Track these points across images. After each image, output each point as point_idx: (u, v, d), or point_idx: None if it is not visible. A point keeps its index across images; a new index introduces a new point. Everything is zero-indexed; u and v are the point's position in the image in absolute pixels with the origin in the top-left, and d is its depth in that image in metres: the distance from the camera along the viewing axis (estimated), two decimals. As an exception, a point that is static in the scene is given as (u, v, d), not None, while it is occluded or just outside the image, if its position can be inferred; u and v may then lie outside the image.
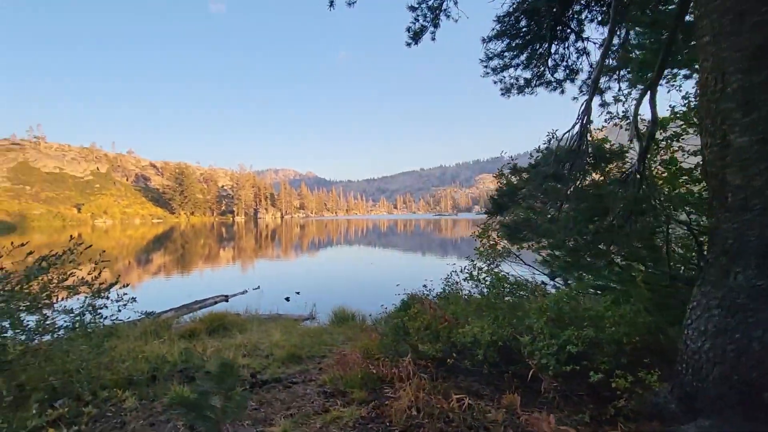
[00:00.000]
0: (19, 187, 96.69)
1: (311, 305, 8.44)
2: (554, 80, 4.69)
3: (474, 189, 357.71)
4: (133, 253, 24.87)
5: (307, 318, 7.66)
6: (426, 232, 44.81)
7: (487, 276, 4.57)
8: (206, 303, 8.89)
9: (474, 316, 3.37)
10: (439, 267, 16.44)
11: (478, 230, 5.32)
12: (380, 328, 4.61)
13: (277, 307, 8.38)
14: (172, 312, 7.80)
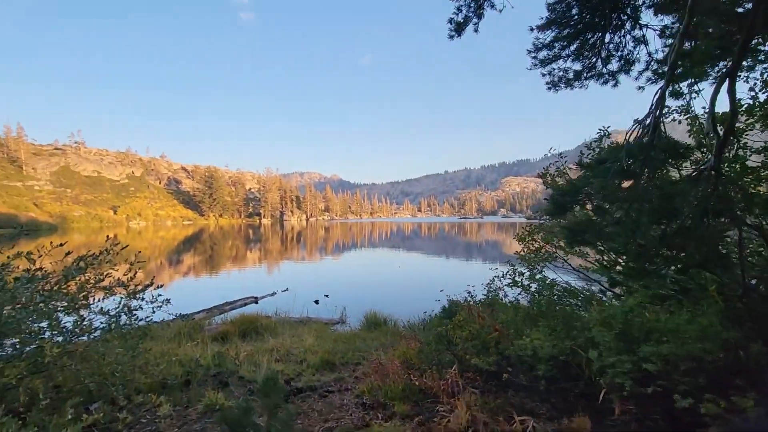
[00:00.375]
0: (60, 190, 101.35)
1: (341, 309, 8.31)
2: (607, 72, 4.34)
3: (500, 192, 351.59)
4: (165, 254, 25.56)
5: (338, 322, 7.53)
6: (451, 235, 44.19)
7: (531, 282, 4.28)
8: (236, 304, 8.92)
9: (525, 326, 3.10)
10: (469, 271, 16.15)
11: (521, 233, 5.02)
12: (419, 335, 4.39)
13: (307, 309, 8.32)
14: (204, 313, 7.84)
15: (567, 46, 4.10)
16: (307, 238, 41.81)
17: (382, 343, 5.12)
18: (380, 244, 32.04)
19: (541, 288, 4.08)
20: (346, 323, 7.51)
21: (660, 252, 2.88)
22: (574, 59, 4.24)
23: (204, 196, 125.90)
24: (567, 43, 4.07)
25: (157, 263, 20.22)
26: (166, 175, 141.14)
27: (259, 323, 5.83)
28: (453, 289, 11.62)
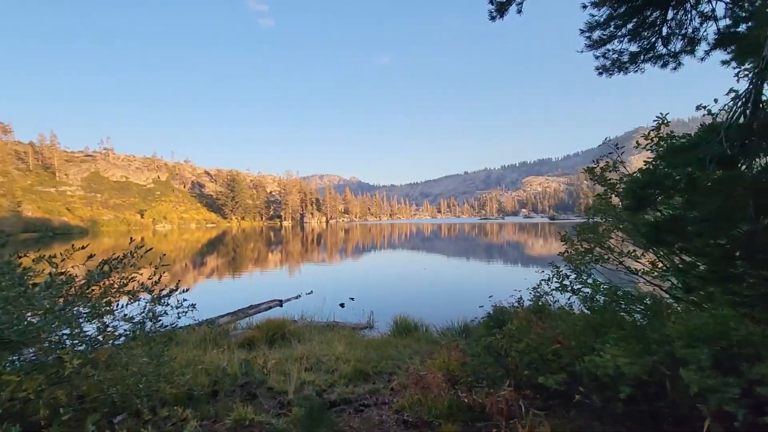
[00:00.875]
0: (91, 195, 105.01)
1: (368, 312, 8.05)
2: (667, 53, 3.91)
3: (521, 192, 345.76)
4: (190, 256, 25.93)
5: (366, 326, 7.26)
6: (473, 236, 43.45)
7: (583, 286, 3.89)
8: (261, 308, 8.78)
9: (587, 338, 2.74)
10: (497, 273, 15.66)
11: (566, 232, 4.63)
12: (460, 343, 4.06)
13: (333, 313, 8.10)
14: (229, 316, 7.70)
15: (623, 24, 3.71)
16: (328, 239, 41.84)
17: (416, 351, 4.81)
18: (402, 246, 31.67)
19: (593, 293, 3.69)
20: (374, 328, 7.22)
21: (750, 253, 2.48)
22: (630, 39, 3.84)
23: (226, 200, 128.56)
24: (623, 22, 3.68)
25: (182, 265, 20.45)
26: (190, 179, 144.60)
27: (286, 328, 5.61)
28: (483, 293, 11.13)
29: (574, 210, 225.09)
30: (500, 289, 11.64)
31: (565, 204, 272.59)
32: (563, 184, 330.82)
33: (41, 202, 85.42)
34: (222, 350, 4.50)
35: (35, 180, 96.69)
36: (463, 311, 7.90)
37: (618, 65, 4.02)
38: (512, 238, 37.05)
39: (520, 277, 13.95)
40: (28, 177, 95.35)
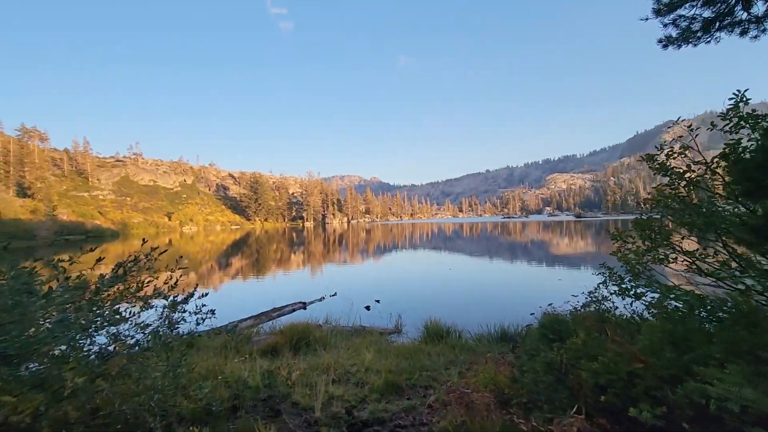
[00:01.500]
0: (121, 199, 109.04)
1: (395, 316, 7.67)
2: (748, 18, 3.36)
3: (545, 190, 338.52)
4: (215, 257, 26.20)
5: (393, 331, 6.85)
6: (498, 235, 42.43)
7: (648, 290, 3.39)
8: (284, 311, 8.51)
9: (673, 354, 2.26)
10: (528, 274, 14.98)
11: (618, 230, 4.12)
12: (507, 355, 3.63)
13: (359, 316, 7.75)
14: (251, 320, 7.45)
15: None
16: (350, 240, 41.69)
17: (451, 361, 4.39)
18: (424, 245, 31.13)
19: (663, 298, 3.18)
20: (402, 333, 6.79)
21: None
22: (705, 3, 3.31)
23: (250, 201, 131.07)
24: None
25: (208, 267, 20.62)
26: (215, 182, 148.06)
27: (310, 334, 5.28)
28: (516, 295, 10.71)
29: (600, 207, 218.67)
30: (534, 291, 11.17)
31: (591, 201, 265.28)
32: (589, 181, 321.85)
33: (75, 206, 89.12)
34: (244, 359, 4.21)
35: (70, 185, 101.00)
36: (497, 315, 7.40)
37: (687, 35, 3.47)
38: (539, 237, 35.94)
39: (553, 277, 13.27)
40: (63, 182, 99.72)
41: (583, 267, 15.55)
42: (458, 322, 6.39)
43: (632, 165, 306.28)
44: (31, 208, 71.46)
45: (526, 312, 7.81)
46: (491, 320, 6.78)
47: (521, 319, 6.52)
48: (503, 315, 7.65)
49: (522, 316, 7.09)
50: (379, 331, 6.53)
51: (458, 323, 6.23)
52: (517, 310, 8.08)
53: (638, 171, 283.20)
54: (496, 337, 5.45)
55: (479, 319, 7.47)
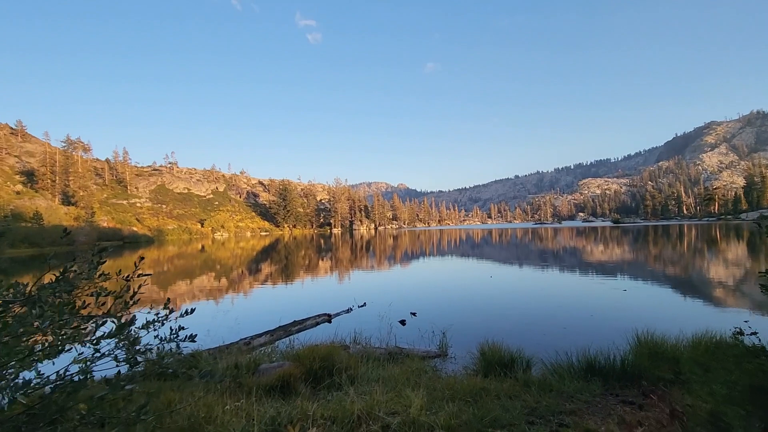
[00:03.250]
0: (157, 206, 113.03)
1: (436, 333, 6.39)
2: None
3: (577, 195, 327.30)
4: (244, 263, 25.70)
5: (438, 355, 5.54)
6: (531, 241, 40.15)
7: None
8: (306, 325, 7.38)
9: None
10: (584, 284, 13.18)
11: None
12: (678, 406, 2.33)
13: (394, 333, 6.49)
14: (266, 336, 6.37)
15: None
16: (378, 246, 40.58)
17: (532, 409, 3.11)
18: (457, 252, 29.49)
19: None
20: (450, 357, 5.49)
21: None
22: None
23: (279, 208, 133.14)
24: None
25: (238, 272, 20.06)
26: (245, 190, 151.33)
27: (334, 360, 4.11)
28: (576, 308, 8.99)
29: (638, 213, 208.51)
30: (598, 305, 9.27)
31: (628, 207, 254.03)
32: (624, 185, 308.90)
33: (115, 214, 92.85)
34: (244, 398, 3.07)
35: (110, 193, 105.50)
36: (560, 335, 6.02)
37: None
38: (580, 243, 33.56)
39: (616, 288, 11.48)
40: (104, 191, 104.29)
41: (648, 277, 13.61)
42: (519, 345, 5.06)
43: (671, 168, 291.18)
44: (74, 215, 74.81)
45: (598, 332, 6.37)
46: (557, 343, 5.42)
47: (594, 340, 5.13)
48: (568, 335, 6.24)
49: (596, 338, 5.68)
50: (420, 355, 5.25)
51: (520, 346, 4.88)
52: (585, 329, 6.63)
53: (677, 175, 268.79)
54: (579, 369, 4.08)
55: (540, 340, 6.11)
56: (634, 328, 4.75)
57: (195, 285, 15.70)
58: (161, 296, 13.41)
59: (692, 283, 12.54)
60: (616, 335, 5.29)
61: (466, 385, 3.61)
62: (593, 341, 4.76)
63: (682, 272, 14.73)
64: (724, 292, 10.74)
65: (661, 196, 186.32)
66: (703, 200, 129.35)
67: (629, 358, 4.08)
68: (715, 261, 18.23)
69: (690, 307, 9.14)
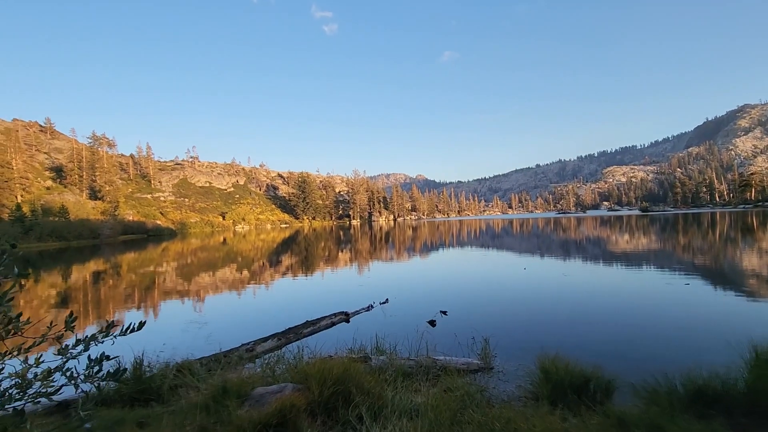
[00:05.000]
0: (180, 200, 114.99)
1: (474, 336, 5.33)
2: None
3: (602, 183, 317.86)
4: (265, 255, 25.17)
5: (481, 368, 4.47)
6: (560, 231, 38.28)
7: None
8: (321, 325, 6.43)
9: None
10: (633, 275, 11.65)
11: None
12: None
13: (422, 336, 5.40)
14: (273, 341, 5.44)
15: None
16: (397, 237, 39.56)
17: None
18: (480, 243, 28.11)
19: None
20: (495, 370, 4.35)
21: None
22: None
23: (298, 200, 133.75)
24: None
25: (259, 264, 19.46)
26: (265, 182, 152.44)
27: (351, 379, 3.13)
28: (634, 307, 7.29)
29: (667, 201, 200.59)
30: (662, 303, 7.47)
31: (655, 195, 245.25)
32: (651, 173, 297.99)
33: (140, 207, 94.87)
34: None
35: (135, 188, 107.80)
36: (626, 340, 4.86)
37: None
38: (611, 234, 31.67)
39: (677, 283, 9.98)
40: (129, 185, 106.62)
41: (704, 271, 12.00)
42: (582, 355, 3.98)
43: (701, 154, 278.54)
44: (101, 210, 76.60)
45: (689, 341, 5.13)
46: (634, 354, 4.29)
47: (689, 354, 4.00)
48: (646, 344, 5.08)
49: (689, 350, 4.51)
50: (459, 367, 4.22)
51: (588, 359, 3.80)
52: (658, 334, 5.41)
53: (708, 161, 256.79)
54: (686, 397, 2.95)
55: (611, 350, 4.95)
56: (739, 337, 3.62)
57: (215, 277, 15.12)
58: (183, 288, 12.82)
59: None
60: (714, 347, 4.15)
61: (527, 420, 2.57)
62: (688, 355, 3.67)
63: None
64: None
65: (692, 183, 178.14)
66: (738, 186, 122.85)
67: (753, 380, 2.97)
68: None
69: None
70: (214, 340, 5.64)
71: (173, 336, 6.63)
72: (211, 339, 5.89)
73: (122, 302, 10.80)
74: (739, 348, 3.37)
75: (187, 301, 10.73)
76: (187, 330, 7.04)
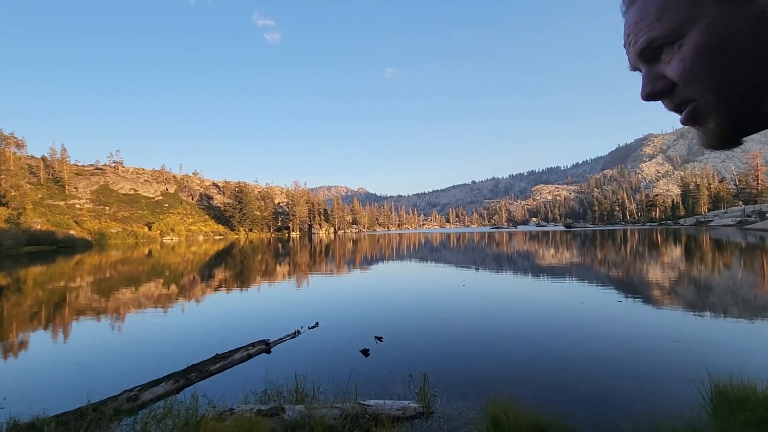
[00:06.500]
0: (99, 208, 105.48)
1: (410, 369, 4.68)
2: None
3: (530, 201, 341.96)
4: (195, 269, 22.86)
5: (419, 413, 3.72)
6: (494, 245, 39.68)
7: None
8: (234, 359, 5.34)
9: None
10: (569, 291, 11.85)
11: None
12: None
13: (354, 372, 4.62)
14: (168, 384, 4.33)
15: None
16: (336, 251, 38.54)
17: None
18: (420, 257, 28.04)
19: None
20: (435, 415, 3.54)
21: None
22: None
23: (234, 211, 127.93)
24: None
25: (185, 280, 17.39)
26: (198, 192, 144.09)
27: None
28: (578, 328, 6.85)
29: (586, 218, 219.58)
30: (600, 323, 7.22)
31: (576, 212, 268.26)
32: (573, 192, 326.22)
33: (50, 215, 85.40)
34: None
35: (46, 193, 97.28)
36: (601, 380, 4.48)
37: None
38: (542, 248, 33.32)
39: (611, 300, 10.21)
40: (39, 191, 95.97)
41: (635, 286, 12.58)
42: (530, 390, 3.49)
43: (614, 177, 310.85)
44: (5, 217, 66.80)
45: (630, 367, 4.86)
46: (573, 380, 3.90)
47: (641, 382, 3.66)
48: (587, 368, 4.76)
49: (640, 377, 4.20)
50: (392, 414, 3.49)
51: (533, 392, 3.30)
52: (611, 365, 5.08)
53: (620, 183, 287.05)
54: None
55: (551, 375, 4.53)
56: (695, 365, 3.33)
57: (118, 299, 13.07)
58: (67, 314, 10.72)
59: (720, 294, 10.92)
60: (672, 377, 3.84)
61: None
62: (649, 386, 3.31)
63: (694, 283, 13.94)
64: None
65: (607, 203, 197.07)
66: (646, 206, 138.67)
67: (713, 422, 2.62)
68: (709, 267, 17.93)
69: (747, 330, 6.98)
70: (90, 385, 4.41)
71: (33, 382, 5.19)
72: (88, 382, 4.64)
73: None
74: (697, 382, 3.04)
75: (73, 331, 8.63)
76: (56, 372, 5.58)
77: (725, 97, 0.49)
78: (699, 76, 0.49)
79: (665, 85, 0.54)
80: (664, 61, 0.53)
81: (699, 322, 7.48)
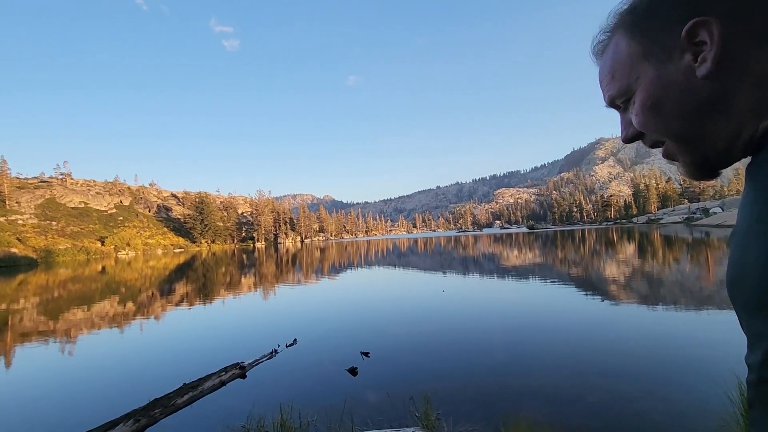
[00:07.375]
0: (45, 223, 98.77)
1: (407, 389, 4.31)
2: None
3: (494, 204, 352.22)
4: (153, 286, 21.34)
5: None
6: (461, 249, 40.09)
7: None
8: (204, 388, 4.73)
9: None
10: (556, 294, 11.86)
11: None
12: None
13: (343, 396, 4.16)
14: (128, 424, 3.70)
15: None
16: (304, 260, 37.59)
17: None
18: (392, 263, 27.76)
19: None
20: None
21: None
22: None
23: (195, 222, 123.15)
24: None
25: (142, 297, 16.08)
26: (156, 203, 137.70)
27: None
28: (578, 331, 6.79)
29: (547, 219, 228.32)
30: (606, 326, 7.06)
31: (537, 214, 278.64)
32: (534, 195, 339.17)
33: (-13, 233, 78.67)
34: None
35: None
36: (617, 385, 4.28)
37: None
38: (505, 250, 33.93)
39: (576, 301, 10.33)
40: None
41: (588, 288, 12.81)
42: (542, 406, 3.21)
43: (571, 179, 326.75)
44: (-66, 236, 60.71)
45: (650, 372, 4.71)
46: (580, 389, 3.68)
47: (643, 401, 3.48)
48: (597, 375, 4.57)
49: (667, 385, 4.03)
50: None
51: (551, 411, 3.02)
52: (624, 368, 4.93)
53: (576, 185, 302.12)
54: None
55: (571, 399, 4.27)
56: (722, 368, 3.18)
57: (69, 322, 11.85)
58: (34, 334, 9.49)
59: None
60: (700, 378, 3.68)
61: None
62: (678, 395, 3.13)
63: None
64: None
65: (566, 204, 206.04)
66: (601, 207, 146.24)
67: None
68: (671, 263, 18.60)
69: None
70: (53, 417, 3.70)
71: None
72: (27, 428, 3.93)
73: None
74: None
75: (14, 364, 7.65)
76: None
77: (682, 142, 0.54)
78: (651, 127, 0.55)
79: (636, 130, 0.59)
80: (630, 111, 0.59)
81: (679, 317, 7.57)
